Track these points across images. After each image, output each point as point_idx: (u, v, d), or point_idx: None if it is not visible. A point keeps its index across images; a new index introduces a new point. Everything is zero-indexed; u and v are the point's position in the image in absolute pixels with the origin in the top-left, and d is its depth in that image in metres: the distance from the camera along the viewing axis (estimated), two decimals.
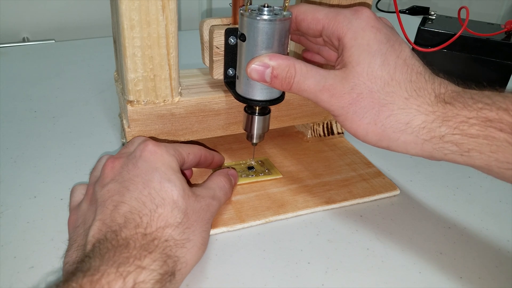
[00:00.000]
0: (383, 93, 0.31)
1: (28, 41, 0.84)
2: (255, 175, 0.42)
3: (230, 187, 0.37)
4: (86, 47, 0.73)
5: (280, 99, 0.37)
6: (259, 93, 0.36)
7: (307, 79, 0.33)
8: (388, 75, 0.31)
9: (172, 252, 0.28)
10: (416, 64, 0.32)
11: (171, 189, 0.30)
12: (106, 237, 0.28)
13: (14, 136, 0.47)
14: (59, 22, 0.86)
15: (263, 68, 0.33)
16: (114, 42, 0.40)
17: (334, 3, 0.41)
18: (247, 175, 0.42)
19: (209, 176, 0.37)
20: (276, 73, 0.33)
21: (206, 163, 0.39)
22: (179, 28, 0.62)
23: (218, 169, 0.40)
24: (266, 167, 0.43)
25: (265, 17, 0.32)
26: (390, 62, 0.32)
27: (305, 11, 0.35)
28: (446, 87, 0.31)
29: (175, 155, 0.33)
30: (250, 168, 0.43)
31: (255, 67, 0.33)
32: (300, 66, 0.33)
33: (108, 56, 0.47)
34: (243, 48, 0.34)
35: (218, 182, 0.36)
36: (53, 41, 0.76)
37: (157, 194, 0.30)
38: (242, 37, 0.34)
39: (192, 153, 0.36)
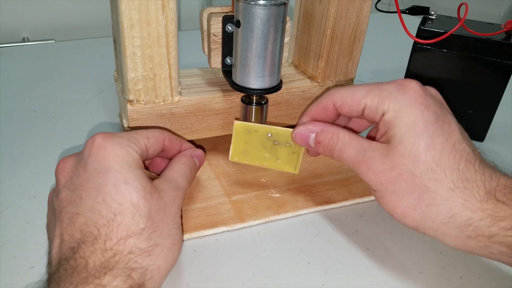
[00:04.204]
0: (426, 179, 0.29)
1: (28, 41, 0.84)
2: (269, 162, 0.38)
3: (191, 172, 0.34)
4: (86, 47, 0.73)
5: (276, 88, 0.37)
6: (255, 82, 0.36)
7: (347, 148, 0.32)
8: (432, 161, 0.29)
9: (137, 264, 0.26)
10: (466, 150, 0.30)
11: (129, 191, 0.27)
12: (65, 257, 0.26)
13: (14, 136, 0.47)
14: (59, 22, 0.87)
15: (307, 133, 0.34)
16: (114, 41, 0.40)
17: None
18: (263, 158, 0.37)
19: (168, 163, 0.35)
20: (319, 139, 0.34)
21: (173, 149, 0.35)
22: (179, 28, 0.62)
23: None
24: (293, 150, 0.37)
25: (260, 2, 0.32)
26: (437, 146, 0.29)
27: (343, 95, 0.33)
28: (498, 180, 0.29)
29: (130, 145, 0.30)
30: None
31: (299, 131, 0.35)
32: (344, 135, 0.33)
33: (108, 56, 0.47)
34: (239, 35, 0.34)
35: (179, 169, 0.33)
36: (53, 41, 0.76)
37: (113, 200, 0.27)
38: (238, 24, 0.34)
39: (152, 137, 0.32)
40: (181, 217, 0.33)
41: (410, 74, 0.51)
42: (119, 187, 0.27)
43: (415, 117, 0.30)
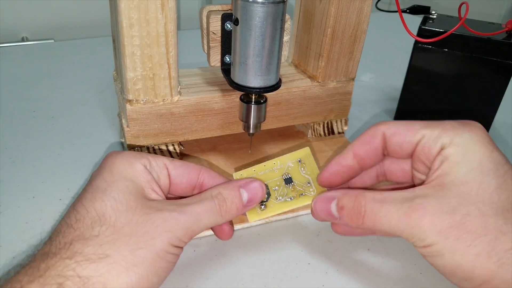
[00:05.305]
0: (502, 218, 0.24)
1: (27, 40, 0.84)
2: (295, 197, 0.33)
3: (224, 209, 0.28)
4: (85, 46, 0.73)
5: (275, 87, 0.37)
6: (253, 80, 0.35)
7: (384, 205, 0.26)
8: (507, 201, 0.25)
9: (75, 272, 0.23)
10: None
11: (101, 199, 0.26)
12: (35, 254, 0.25)
13: (13, 136, 0.46)
14: (58, 22, 0.86)
15: (328, 201, 0.29)
16: (113, 41, 0.40)
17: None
18: (284, 195, 0.33)
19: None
20: (342, 203, 0.28)
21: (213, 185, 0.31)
22: (179, 27, 0.62)
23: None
24: (307, 170, 0.34)
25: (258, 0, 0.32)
26: (510, 187, 0.25)
27: (396, 123, 0.30)
28: None
29: (137, 158, 0.28)
30: (288, 181, 0.34)
31: (318, 199, 0.30)
32: (372, 194, 0.27)
33: (107, 55, 0.47)
34: (237, 33, 0.34)
35: (205, 204, 0.28)
36: (52, 41, 0.76)
37: (83, 206, 0.26)
38: (236, 22, 0.34)
39: (179, 161, 0.30)
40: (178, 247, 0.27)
41: (411, 73, 0.51)
42: (96, 194, 0.26)
43: (483, 155, 0.26)
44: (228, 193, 0.29)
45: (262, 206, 0.32)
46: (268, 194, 0.33)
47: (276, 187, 0.33)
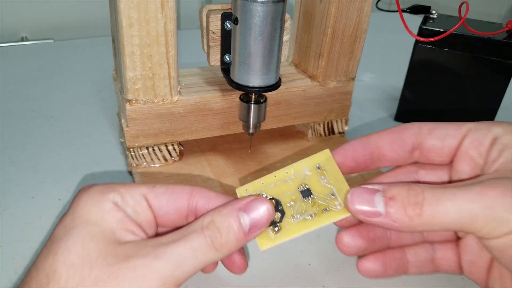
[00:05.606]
0: None
1: (27, 40, 0.84)
2: (317, 213, 0.25)
3: (218, 242, 0.22)
4: (85, 46, 0.73)
5: (275, 86, 0.37)
6: (253, 80, 0.35)
7: (447, 189, 0.22)
8: None
9: None
10: None
11: (55, 253, 0.21)
12: None
13: (12, 136, 0.46)
14: (58, 21, 0.86)
15: (370, 192, 0.23)
16: (113, 40, 0.40)
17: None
18: (303, 212, 0.25)
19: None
20: (391, 194, 0.22)
21: (211, 208, 0.25)
22: (179, 27, 0.62)
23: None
24: (330, 179, 0.26)
25: None
26: None
27: (435, 122, 0.27)
28: None
29: (106, 195, 0.23)
30: (306, 194, 0.26)
31: (356, 190, 0.24)
32: (427, 185, 0.23)
33: (107, 55, 0.47)
34: (237, 32, 0.34)
35: (192, 239, 0.22)
36: (52, 40, 0.76)
37: (35, 266, 0.22)
38: (236, 21, 0.34)
39: (162, 187, 0.24)
40: None
41: (412, 73, 0.51)
42: (51, 246, 0.22)
43: None
44: (223, 220, 0.22)
45: (276, 228, 0.25)
46: (282, 213, 0.26)
47: (292, 203, 0.26)
